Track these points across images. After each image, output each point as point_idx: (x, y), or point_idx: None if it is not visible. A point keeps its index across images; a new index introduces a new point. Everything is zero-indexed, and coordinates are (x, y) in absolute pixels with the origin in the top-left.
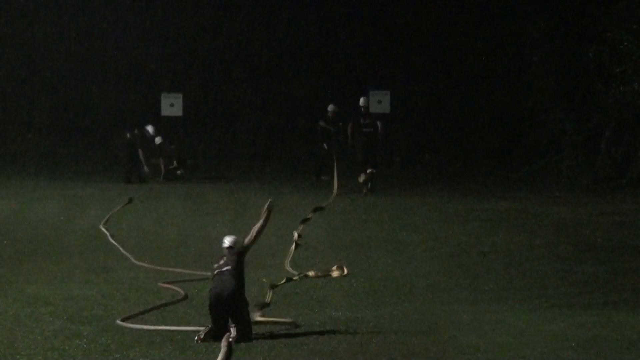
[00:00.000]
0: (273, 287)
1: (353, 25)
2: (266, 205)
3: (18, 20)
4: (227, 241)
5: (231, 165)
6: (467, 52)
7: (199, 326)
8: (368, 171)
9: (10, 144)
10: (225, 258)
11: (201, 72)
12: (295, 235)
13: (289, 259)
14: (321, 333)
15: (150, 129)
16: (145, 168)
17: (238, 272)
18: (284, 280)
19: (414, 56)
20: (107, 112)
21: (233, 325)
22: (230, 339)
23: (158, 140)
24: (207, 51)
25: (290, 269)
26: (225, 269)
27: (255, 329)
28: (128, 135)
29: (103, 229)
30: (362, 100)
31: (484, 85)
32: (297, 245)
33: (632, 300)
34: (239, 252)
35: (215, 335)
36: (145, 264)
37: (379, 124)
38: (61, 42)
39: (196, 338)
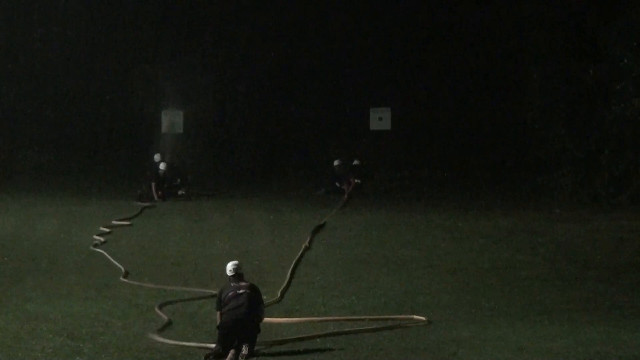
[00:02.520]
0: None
1: (354, 42)
2: None
3: (20, 38)
4: (233, 268)
5: (230, 182)
6: (468, 69)
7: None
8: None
9: (10, 161)
10: (243, 283)
11: (201, 90)
12: (307, 240)
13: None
14: (322, 349)
15: (162, 165)
16: (157, 198)
17: (255, 301)
18: None
19: (414, 73)
20: (107, 129)
21: (245, 344)
22: (241, 357)
23: (157, 157)
24: (207, 68)
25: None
26: (242, 291)
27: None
28: (148, 172)
29: (97, 237)
30: (336, 162)
31: (484, 103)
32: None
33: (633, 317)
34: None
35: (219, 355)
36: (129, 281)
37: (351, 180)
38: (62, 60)
39: (204, 357)
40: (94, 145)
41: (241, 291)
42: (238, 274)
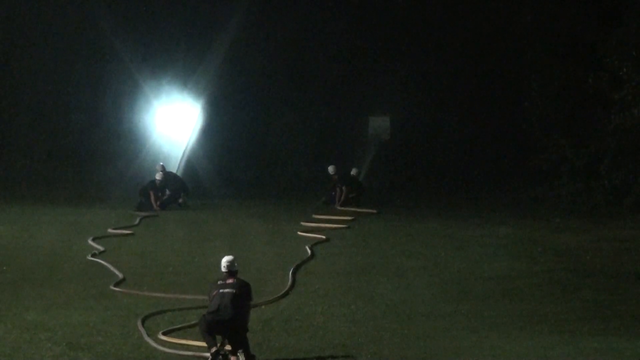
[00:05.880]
0: None
1: (353, 51)
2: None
3: (17, 48)
4: (226, 265)
5: (229, 192)
6: (468, 78)
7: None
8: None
9: (9, 170)
10: (230, 280)
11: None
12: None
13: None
14: (321, 359)
15: (158, 175)
16: (156, 207)
17: (241, 300)
18: None
19: (414, 82)
20: (106, 138)
21: (240, 351)
22: None
23: (159, 167)
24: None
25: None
26: (227, 290)
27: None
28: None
29: (92, 243)
30: (330, 169)
31: (484, 112)
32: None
33: (632, 326)
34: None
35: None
36: (119, 289)
37: (344, 188)
38: (60, 70)
39: None
40: (92, 154)
41: (226, 290)
42: (230, 272)
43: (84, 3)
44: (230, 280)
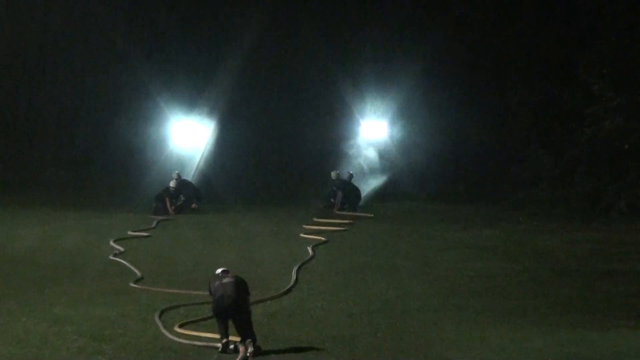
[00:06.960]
0: None
1: (350, 61)
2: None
3: (47, 65)
4: (221, 269)
5: (238, 197)
6: (455, 90)
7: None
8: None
9: (38, 178)
10: (228, 276)
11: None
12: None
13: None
14: (320, 350)
15: (172, 182)
16: (171, 212)
17: (241, 288)
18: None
19: (407, 95)
20: (125, 149)
21: (249, 341)
22: (248, 354)
23: (175, 176)
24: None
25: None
26: (227, 280)
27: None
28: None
29: (113, 244)
30: (333, 174)
31: (469, 124)
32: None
33: (603, 320)
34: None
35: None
36: (139, 286)
37: (340, 193)
38: (84, 85)
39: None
40: (113, 163)
41: (226, 280)
42: (225, 270)
43: (107, 26)
44: (228, 276)
